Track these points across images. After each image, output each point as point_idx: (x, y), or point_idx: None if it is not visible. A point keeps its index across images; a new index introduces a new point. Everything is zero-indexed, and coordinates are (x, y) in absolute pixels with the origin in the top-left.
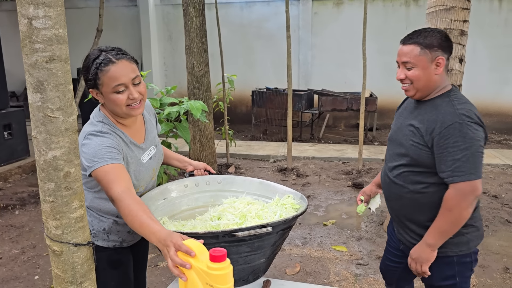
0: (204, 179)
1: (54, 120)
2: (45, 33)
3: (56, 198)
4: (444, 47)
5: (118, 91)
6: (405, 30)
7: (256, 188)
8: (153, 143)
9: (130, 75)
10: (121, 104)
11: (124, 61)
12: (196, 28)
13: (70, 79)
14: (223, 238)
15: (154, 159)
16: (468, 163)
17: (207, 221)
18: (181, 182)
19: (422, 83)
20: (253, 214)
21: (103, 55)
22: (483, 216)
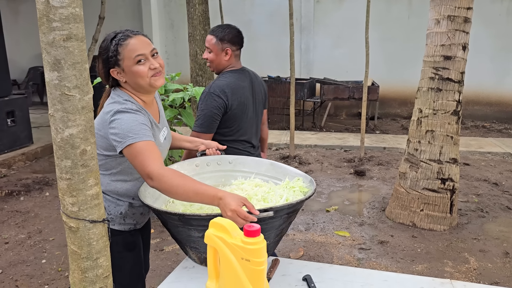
0: (215, 159)
1: (71, 98)
2: (62, 12)
3: (72, 176)
4: (234, 42)
5: (139, 61)
6: (408, 19)
7: (266, 169)
8: (165, 124)
9: (149, 47)
10: (144, 75)
11: (140, 36)
12: (199, 16)
13: (86, 58)
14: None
15: (167, 140)
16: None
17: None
18: (192, 161)
19: (215, 64)
20: (259, 196)
21: (121, 33)
22: (484, 203)
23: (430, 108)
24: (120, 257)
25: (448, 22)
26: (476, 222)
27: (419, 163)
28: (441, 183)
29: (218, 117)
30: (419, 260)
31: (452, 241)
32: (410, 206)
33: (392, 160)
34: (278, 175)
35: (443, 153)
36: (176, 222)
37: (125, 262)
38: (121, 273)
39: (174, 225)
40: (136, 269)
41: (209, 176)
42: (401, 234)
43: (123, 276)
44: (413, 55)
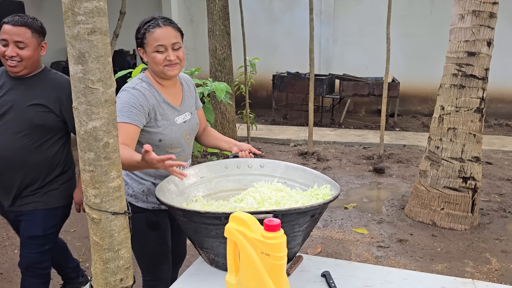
0: (246, 161)
1: (94, 91)
2: (87, 6)
3: (95, 168)
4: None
5: (158, 50)
6: (430, 15)
7: (298, 175)
8: (189, 110)
9: (171, 39)
10: (158, 62)
11: (169, 27)
12: (219, 11)
13: (109, 51)
14: (226, 220)
15: (187, 124)
16: None
17: (230, 203)
18: (222, 162)
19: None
20: (273, 200)
21: (154, 20)
22: (507, 203)
23: (452, 105)
24: (143, 235)
25: (473, 17)
26: (498, 222)
27: (440, 161)
28: (463, 181)
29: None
30: (438, 260)
31: (473, 241)
32: (430, 205)
33: (412, 158)
34: (308, 181)
35: (465, 151)
36: (182, 218)
37: (148, 241)
38: (144, 250)
39: (181, 221)
40: (160, 249)
41: (237, 179)
42: (421, 232)
43: (146, 254)
44: (435, 51)
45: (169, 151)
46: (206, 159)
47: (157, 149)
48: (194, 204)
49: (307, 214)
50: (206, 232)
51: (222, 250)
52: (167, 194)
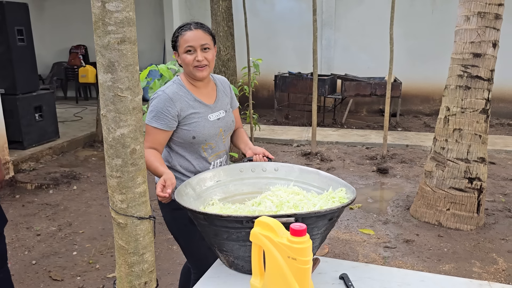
0: (260, 165)
1: (123, 99)
2: (117, 16)
3: (122, 174)
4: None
5: (187, 51)
6: (431, 14)
7: (312, 178)
8: (223, 108)
9: (200, 41)
10: (188, 63)
11: (200, 30)
12: (222, 12)
13: (137, 60)
14: (247, 223)
15: (222, 121)
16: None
17: (248, 206)
18: (237, 166)
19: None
20: (291, 204)
21: (187, 25)
22: (511, 203)
23: (458, 106)
24: (187, 230)
25: (478, 19)
26: (503, 222)
27: (446, 161)
28: (469, 182)
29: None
30: (445, 260)
31: (479, 241)
32: (436, 205)
33: (415, 158)
34: (323, 185)
35: (470, 152)
36: (203, 222)
37: (192, 234)
38: (190, 246)
39: (201, 225)
40: (205, 243)
41: (252, 182)
42: (427, 233)
43: (193, 246)
44: (436, 51)
45: (203, 147)
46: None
47: (192, 146)
48: (211, 208)
49: (326, 217)
50: (227, 236)
51: (242, 253)
52: (185, 198)
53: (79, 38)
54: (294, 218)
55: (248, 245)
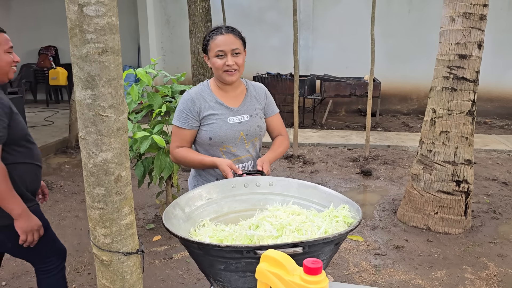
0: (253, 180)
1: (105, 119)
2: (97, 22)
3: (106, 205)
4: None
5: (218, 55)
6: (408, 14)
7: (310, 194)
8: (249, 113)
9: (231, 46)
10: (218, 67)
11: (231, 35)
12: (200, 12)
13: (122, 73)
14: (248, 253)
15: (243, 125)
16: None
17: (245, 229)
18: (229, 182)
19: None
20: (293, 227)
21: (218, 29)
22: (496, 204)
23: (444, 108)
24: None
25: (464, 20)
26: (490, 224)
27: (433, 164)
28: (456, 185)
29: None
30: (437, 266)
31: (468, 245)
32: (424, 209)
33: (397, 159)
34: (323, 201)
35: (457, 155)
36: (197, 251)
37: None
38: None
39: (195, 254)
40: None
41: (245, 199)
42: (416, 238)
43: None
44: (413, 51)
45: (222, 150)
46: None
47: (211, 147)
48: (203, 229)
49: (333, 243)
50: (225, 266)
51: (241, 284)
52: (174, 221)
53: (49, 39)
54: (301, 248)
55: (248, 276)
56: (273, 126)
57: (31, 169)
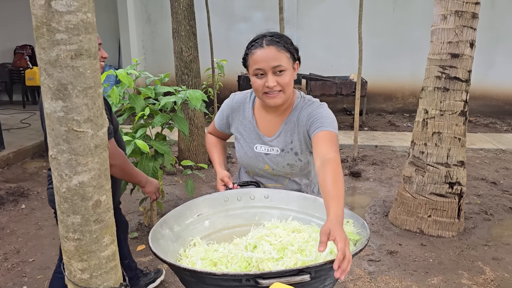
0: (248, 192)
1: (81, 136)
2: (69, 19)
3: (83, 235)
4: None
5: (256, 74)
6: (393, 12)
7: (309, 206)
8: (281, 146)
9: (271, 63)
10: (257, 88)
11: (273, 48)
12: (184, 10)
13: (100, 80)
14: (247, 282)
15: (270, 158)
16: None
17: (241, 250)
18: (221, 195)
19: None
20: (295, 247)
21: (260, 39)
22: (486, 204)
23: (436, 109)
24: None
25: (456, 18)
26: (482, 226)
27: (425, 166)
28: (449, 187)
29: None
30: (433, 272)
31: (463, 249)
32: (417, 212)
33: (385, 159)
34: (323, 215)
35: (450, 156)
36: (189, 278)
37: None
38: None
39: (186, 281)
40: None
41: (240, 213)
42: (410, 242)
43: None
44: (398, 49)
45: (250, 173)
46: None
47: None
48: (193, 250)
49: None
50: None
51: None
52: (162, 242)
53: (25, 38)
54: (309, 275)
55: None
56: (317, 145)
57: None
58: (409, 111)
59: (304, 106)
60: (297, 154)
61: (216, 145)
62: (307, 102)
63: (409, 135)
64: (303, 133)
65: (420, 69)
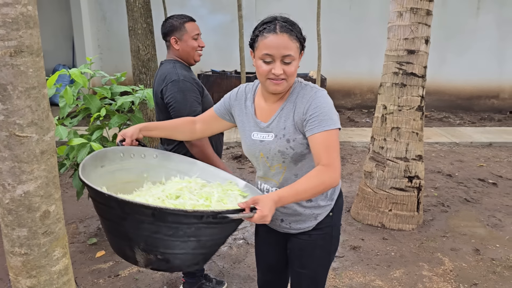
0: (140, 150)
1: (24, 141)
2: (6, 12)
3: (30, 249)
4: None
5: (264, 60)
6: (349, 10)
7: (191, 169)
8: (275, 132)
9: (282, 51)
10: (262, 73)
11: (286, 36)
12: (140, 8)
13: (44, 79)
14: (207, 218)
15: (264, 145)
16: None
17: (162, 200)
18: (119, 150)
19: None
20: (216, 197)
21: (273, 23)
22: (443, 197)
23: (395, 105)
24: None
25: (411, 15)
26: (440, 217)
27: (385, 161)
28: (408, 181)
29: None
30: (395, 265)
31: (422, 241)
32: (378, 207)
33: (346, 155)
34: (206, 176)
35: (409, 151)
36: (143, 217)
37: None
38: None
39: (136, 220)
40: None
41: (133, 169)
42: (372, 236)
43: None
44: (355, 46)
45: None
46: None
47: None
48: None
49: None
50: (174, 232)
51: (178, 250)
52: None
53: None
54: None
55: (190, 241)
56: (312, 150)
57: (217, 138)
58: (368, 107)
59: (300, 90)
60: (289, 141)
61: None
62: (303, 87)
63: (368, 131)
64: (298, 121)
65: (377, 66)
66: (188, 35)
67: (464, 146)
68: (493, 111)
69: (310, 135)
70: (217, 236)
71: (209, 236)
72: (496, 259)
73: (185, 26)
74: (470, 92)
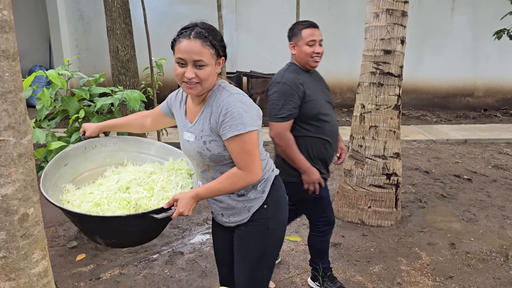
0: (100, 141)
1: (2, 145)
2: None
3: (9, 252)
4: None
5: (178, 62)
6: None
7: (147, 148)
8: (196, 134)
9: (193, 56)
10: (177, 75)
11: (198, 42)
12: (118, 8)
13: (21, 83)
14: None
15: (189, 145)
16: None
17: (115, 191)
18: (81, 145)
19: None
20: (159, 186)
21: (190, 29)
22: (421, 193)
23: (372, 104)
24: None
25: (387, 16)
26: (417, 213)
27: (364, 159)
28: (387, 178)
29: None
30: (374, 261)
31: (401, 237)
32: (357, 204)
33: None
34: (163, 155)
35: (387, 148)
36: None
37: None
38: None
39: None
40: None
41: (96, 158)
42: (352, 233)
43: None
44: (335, 46)
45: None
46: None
47: None
48: (70, 195)
49: None
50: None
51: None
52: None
53: None
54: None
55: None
56: (230, 153)
57: (319, 143)
58: (347, 106)
59: (217, 94)
60: (205, 143)
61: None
62: (221, 90)
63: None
64: (214, 125)
65: (357, 65)
66: (303, 41)
67: (440, 143)
68: (468, 109)
69: (224, 139)
70: (153, 225)
71: (146, 226)
72: (471, 253)
73: (302, 32)
74: (446, 90)
